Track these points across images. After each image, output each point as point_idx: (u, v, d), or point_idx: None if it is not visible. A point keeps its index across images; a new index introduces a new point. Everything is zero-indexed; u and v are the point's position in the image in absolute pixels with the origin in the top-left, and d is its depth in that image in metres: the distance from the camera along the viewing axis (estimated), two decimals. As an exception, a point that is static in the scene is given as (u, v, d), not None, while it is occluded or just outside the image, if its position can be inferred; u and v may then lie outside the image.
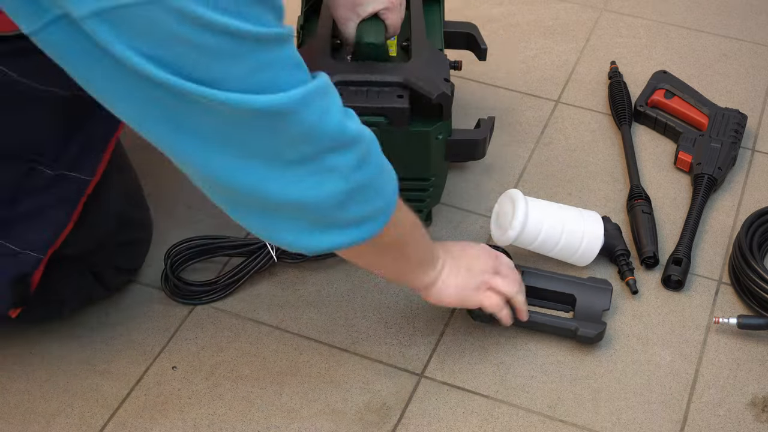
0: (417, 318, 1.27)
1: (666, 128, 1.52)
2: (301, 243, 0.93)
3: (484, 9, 1.78)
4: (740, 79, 1.65)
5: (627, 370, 1.21)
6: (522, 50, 1.70)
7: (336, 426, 1.15)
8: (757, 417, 1.17)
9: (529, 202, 1.27)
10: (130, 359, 1.21)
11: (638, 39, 1.73)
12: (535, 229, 1.27)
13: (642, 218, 1.36)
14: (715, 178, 1.42)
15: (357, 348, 1.23)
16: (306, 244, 0.93)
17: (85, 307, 1.25)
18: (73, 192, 1.10)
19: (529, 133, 1.54)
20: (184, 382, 1.19)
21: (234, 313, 1.27)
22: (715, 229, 1.39)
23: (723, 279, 1.32)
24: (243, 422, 1.15)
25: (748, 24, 1.78)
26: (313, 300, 1.29)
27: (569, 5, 1.81)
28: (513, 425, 1.15)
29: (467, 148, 1.30)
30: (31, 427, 1.14)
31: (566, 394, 1.19)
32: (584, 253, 1.29)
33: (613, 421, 1.16)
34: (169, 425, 1.15)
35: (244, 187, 0.87)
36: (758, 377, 1.21)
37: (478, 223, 1.39)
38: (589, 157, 1.50)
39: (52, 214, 1.09)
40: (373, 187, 0.93)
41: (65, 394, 1.18)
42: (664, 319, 1.27)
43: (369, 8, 1.22)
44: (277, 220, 0.91)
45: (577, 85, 1.63)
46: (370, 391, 1.19)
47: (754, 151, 1.52)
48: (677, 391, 1.19)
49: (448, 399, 1.18)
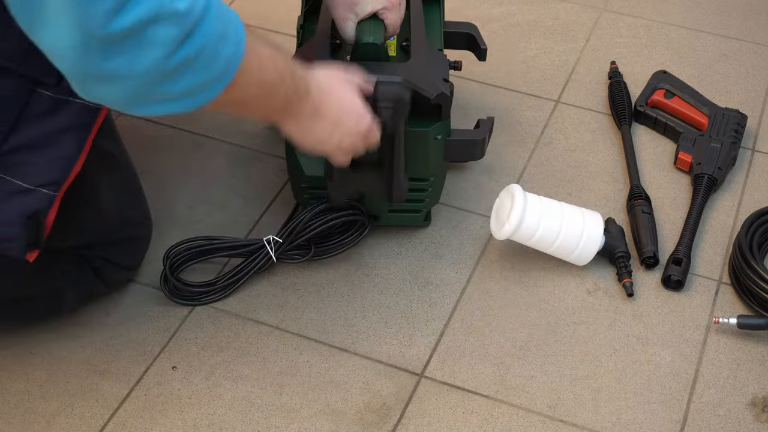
0: (417, 318, 1.27)
1: (666, 128, 1.52)
2: (130, 110, 0.90)
3: (484, 9, 1.78)
4: (740, 79, 1.65)
5: (627, 370, 1.21)
6: (522, 50, 1.70)
7: (336, 426, 1.15)
8: (757, 417, 1.17)
9: (528, 197, 1.28)
10: (130, 359, 1.21)
11: (638, 39, 1.73)
12: (533, 224, 1.27)
13: (642, 218, 1.36)
14: (715, 178, 1.42)
15: (357, 348, 1.23)
16: (134, 111, 0.90)
17: (85, 306, 1.25)
18: (83, 117, 1.05)
19: (529, 133, 1.54)
20: (184, 382, 1.19)
21: (234, 313, 1.27)
22: (715, 229, 1.39)
23: (723, 279, 1.32)
24: (243, 422, 1.15)
25: (748, 24, 1.78)
26: (313, 300, 1.29)
27: (569, 5, 1.81)
28: (513, 425, 1.15)
29: (466, 148, 1.30)
30: (31, 427, 1.14)
31: (566, 394, 1.19)
32: (582, 252, 1.30)
33: (613, 421, 1.16)
34: (169, 425, 1.15)
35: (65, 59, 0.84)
36: (758, 377, 1.21)
37: (478, 223, 1.39)
38: (589, 157, 1.50)
39: (60, 144, 1.05)
40: (202, 60, 0.89)
41: (65, 394, 1.18)
42: (664, 319, 1.27)
43: (368, 8, 1.22)
44: (105, 86, 0.87)
45: (577, 85, 1.63)
46: (370, 391, 1.19)
47: (754, 151, 1.52)
48: (677, 391, 1.19)
49: (448, 399, 1.18)
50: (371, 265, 1.33)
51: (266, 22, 1.73)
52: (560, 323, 1.26)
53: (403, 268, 1.33)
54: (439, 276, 1.32)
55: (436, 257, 1.34)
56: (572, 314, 1.28)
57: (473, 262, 1.34)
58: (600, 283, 1.31)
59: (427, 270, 1.33)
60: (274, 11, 1.76)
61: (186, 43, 0.86)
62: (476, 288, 1.31)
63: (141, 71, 0.85)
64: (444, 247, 1.35)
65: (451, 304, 1.29)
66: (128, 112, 0.90)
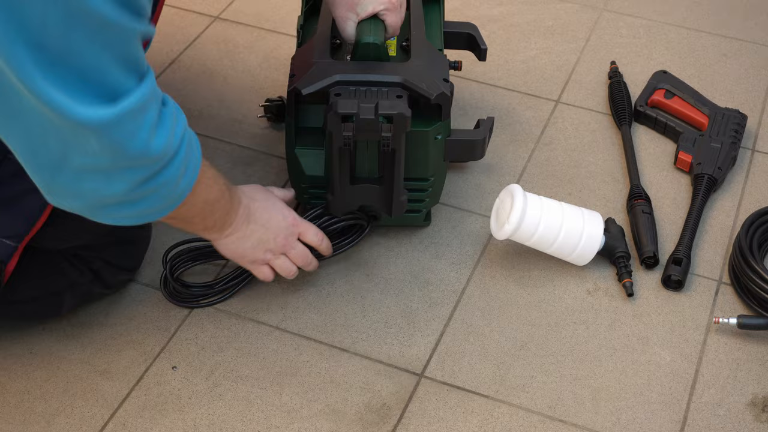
0: (417, 318, 1.27)
1: (666, 128, 1.52)
2: (88, 217, 0.98)
3: (484, 9, 1.78)
4: (740, 79, 1.65)
5: (627, 370, 1.21)
6: (522, 50, 1.70)
7: (336, 426, 1.15)
8: (757, 417, 1.17)
9: (528, 197, 1.28)
10: (130, 359, 1.21)
11: (638, 39, 1.73)
12: (533, 225, 1.27)
13: (642, 218, 1.36)
14: (715, 178, 1.42)
15: (357, 348, 1.23)
16: (91, 218, 0.99)
17: (85, 307, 1.25)
18: None
19: (529, 133, 1.54)
20: (184, 382, 1.19)
21: (234, 313, 1.27)
22: (715, 229, 1.39)
23: (723, 279, 1.32)
24: (243, 422, 1.15)
25: (748, 24, 1.78)
26: (313, 300, 1.29)
27: (569, 5, 1.81)
28: (513, 425, 1.15)
29: (466, 148, 1.30)
30: (31, 427, 1.14)
31: (566, 394, 1.19)
32: (582, 252, 1.30)
33: (613, 421, 1.16)
34: (169, 425, 1.15)
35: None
36: (758, 377, 1.21)
37: (478, 223, 1.39)
38: (589, 157, 1.50)
39: (25, 203, 1.09)
40: (161, 192, 0.98)
41: (65, 394, 1.18)
42: (664, 319, 1.27)
43: (369, 8, 1.22)
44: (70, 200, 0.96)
45: (577, 85, 1.63)
46: (370, 391, 1.19)
47: (754, 151, 1.52)
48: (677, 391, 1.19)
49: (448, 399, 1.18)
50: (371, 265, 1.33)
51: (266, 22, 1.73)
52: (560, 323, 1.26)
53: (403, 268, 1.33)
54: (439, 276, 1.32)
55: (436, 257, 1.34)
56: (572, 314, 1.28)
57: (473, 262, 1.34)
58: (600, 283, 1.31)
59: (427, 270, 1.33)
60: (274, 11, 1.76)
61: (150, 181, 0.95)
62: (476, 288, 1.31)
63: (106, 195, 0.94)
64: (444, 247, 1.35)
65: (451, 304, 1.29)
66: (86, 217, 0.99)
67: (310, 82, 1.20)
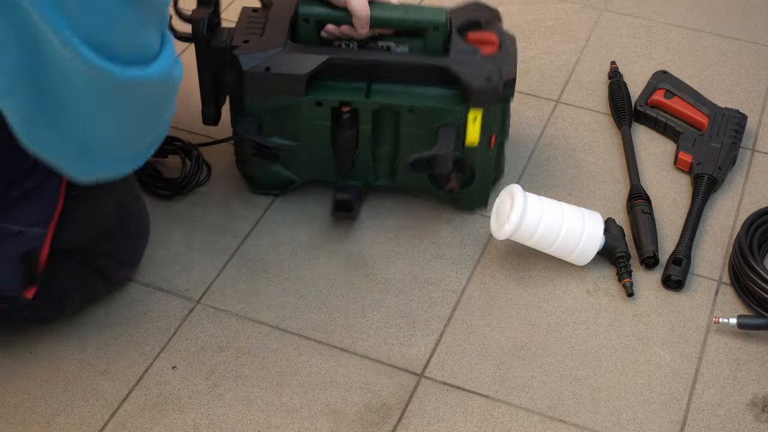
0: (417, 318, 1.27)
1: (666, 128, 1.52)
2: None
3: (484, 9, 1.78)
4: (740, 79, 1.65)
5: (627, 370, 1.21)
6: (522, 50, 1.69)
7: (336, 426, 1.15)
8: (757, 417, 1.17)
9: (528, 197, 1.28)
10: (130, 359, 1.21)
11: (638, 39, 1.73)
12: (533, 224, 1.27)
13: (642, 218, 1.36)
14: (715, 178, 1.42)
15: (357, 348, 1.23)
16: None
17: (85, 306, 1.25)
18: None
19: (529, 133, 1.54)
20: (184, 382, 1.19)
21: (234, 313, 1.27)
22: (715, 229, 1.39)
23: (723, 279, 1.32)
24: (243, 422, 1.15)
25: (748, 24, 1.78)
26: (313, 300, 1.29)
27: (569, 5, 1.81)
28: (513, 425, 1.15)
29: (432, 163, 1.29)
30: (31, 427, 1.14)
31: (566, 394, 1.19)
32: (582, 252, 1.30)
33: (613, 421, 1.16)
34: (169, 425, 1.15)
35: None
36: (758, 377, 1.21)
37: (478, 223, 1.39)
38: (589, 157, 1.50)
39: (44, 189, 1.10)
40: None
41: (65, 394, 1.18)
42: (664, 319, 1.27)
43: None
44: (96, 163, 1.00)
45: (577, 85, 1.63)
46: (370, 391, 1.19)
47: (754, 151, 1.52)
48: (677, 391, 1.19)
49: (448, 399, 1.18)
50: (371, 265, 1.33)
51: (266, 22, 1.73)
52: (560, 323, 1.26)
53: (403, 268, 1.33)
54: (439, 276, 1.32)
55: (436, 257, 1.34)
56: (572, 314, 1.28)
57: (473, 262, 1.34)
58: (600, 283, 1.31)
59: (427, 270, 1.33)
60: (274, 11, 1.76)
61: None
62: (476, 288, 1.31)
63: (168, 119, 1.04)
64: (444, 247, 1.36)
65: (451, 304, 1.29)
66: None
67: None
